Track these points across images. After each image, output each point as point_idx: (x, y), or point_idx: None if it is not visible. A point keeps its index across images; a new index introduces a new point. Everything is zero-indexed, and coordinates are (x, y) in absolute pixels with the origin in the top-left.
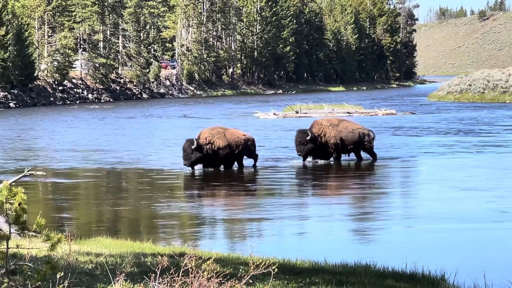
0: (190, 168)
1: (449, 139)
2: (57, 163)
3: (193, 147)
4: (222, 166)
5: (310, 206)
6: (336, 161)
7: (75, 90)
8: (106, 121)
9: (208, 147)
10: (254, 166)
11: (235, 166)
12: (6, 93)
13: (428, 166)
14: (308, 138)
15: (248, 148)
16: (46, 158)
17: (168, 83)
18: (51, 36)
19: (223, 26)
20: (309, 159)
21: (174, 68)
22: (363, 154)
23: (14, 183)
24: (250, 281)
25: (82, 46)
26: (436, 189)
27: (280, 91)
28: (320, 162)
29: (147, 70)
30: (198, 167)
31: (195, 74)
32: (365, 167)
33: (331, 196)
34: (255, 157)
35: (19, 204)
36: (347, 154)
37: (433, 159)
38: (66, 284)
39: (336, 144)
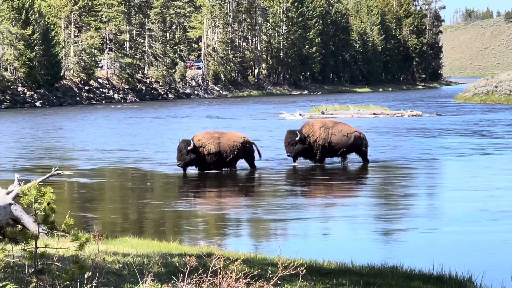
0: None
1: (475, 141)
2: (83, 162)
3: (189, 148)
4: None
5: (334, 206)
6: (317, 164)
7: (101, 90)
8: (131, 121)
9: (200, 151)
10: (250, 168)
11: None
12: (33, 92)
13: (453, 168)
14: (297, 138)
15: (246, 151)
16: (73, 157)
17: (194, 83)
18: (77, 35)
19: (249, 27)
20: (301, 159)
21: (199, 68)
22: (356, 157)
23: (41, 183)
24: (278, 282)
25: (108, 46)
26: (463, 190)
27: (306, 92)
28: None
29: (173, 70)
30: (190, 169)
31: (221, 74)
32: (389, 168)
33: (355, 197)
34: (251, 160)
35: (48, 203)
36: (340, 157)
37: (459, 160)
38: (94, 284)
39: (323, 146)
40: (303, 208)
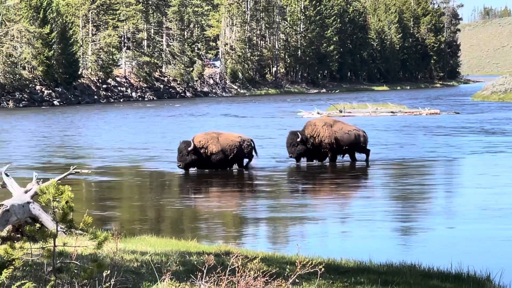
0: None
1: (493, 139)
2: (101, 161)
3: (189, 149)
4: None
5: (351, 205)
6: (331, 162)
7: (119, 88)
8: (148, 119)
9: (202, 152)
10: (246, 166)
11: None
12: (51, 91)
13: (472, 166)
14: (298, 139)
15: (242, 150)
16: (90, 156)
17: (211, 81)
18: (95, 34)
19: (266, 25)
20: (304, 160)
21: (215, 66)
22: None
23: (59, 181)
24: (296, 280)
25: (126, 44)
26: (481, 188)
27: (324, 90)
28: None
29: (191, 69)
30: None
31: (239, 73)
32: (405, 167)
33: (371, 196)
34: (250, 159)
35: (66, 202)
36: (341, 156)
37: (477, 158)
38: (112, 283)
39: (330, 144)
40: (320, 207)
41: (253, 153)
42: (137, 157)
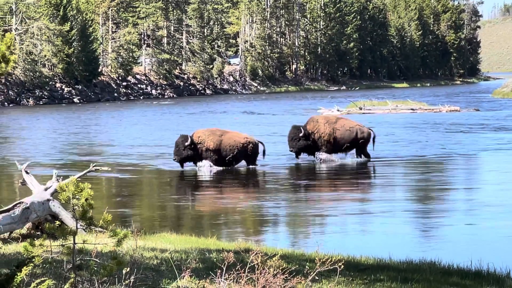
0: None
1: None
2: (120, 158)
3: (186, 144)
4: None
5: (370, 202)
6: (322, 160)
7: (138, 85)
8: (168, 116)
9: (199, 147)
10: (244, 168)
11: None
12: (71, 88)
13: (492, 163)
14: (300, 134)
15: (247, 152)
16: (109, 153)
17: (231, 79)
18: (115, 31)
19: (286, 22)
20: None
21: (230, 64)
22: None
23: (79, 179)
24: (316, 277)
25: (146, 41)
26: (501, 185)
27: (344, 87)
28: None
29: (211, 66)
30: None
31: (259, 70)
32: (426, 163)
33: (391, 192)
34: (252, 161)
35: (86, 199)
36: (344, 153)
37: (497, 155)
38: (132, 280)
39: (329, 141)
40: (340, 204)
41: (260, 156)
42: (156, 154)
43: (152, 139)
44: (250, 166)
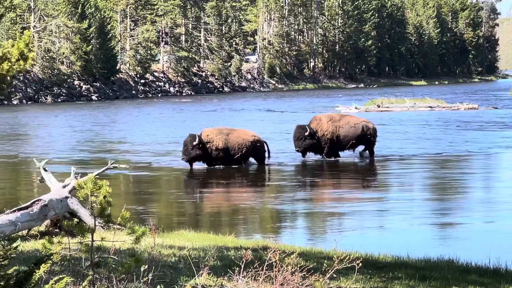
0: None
1: None
2: (137, 156)
3: (194, 143)
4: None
5: (387, 200)
6: (326, 158)
7: (156, 83)
8: (186, 114)
9: (208, 146)
10: (256, 166)
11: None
12: (89, 86)
13: (510, 161)
14: (306, 133)
15: (255, 150)
16: (127, 150)
17: (249, 76)
18: (133, 29)
19: (304, 20)
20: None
21: (248, 62)
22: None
23: (98, 176)
24: (334, 275)
25: (164, 39)
26: None
27: (362, 85)
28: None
29: (229, 64)
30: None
31: (277, 67)
32: (445, 160)
33: (409, 190)
34: (260, 159)
35: (104, 197)
36: (351, 150)
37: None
38: (150, 277)
39: (331, 139)
40: (357, 202)
41: (265, 155)
42: (173, 152)
43: (169, 137)
44: (261, 164)
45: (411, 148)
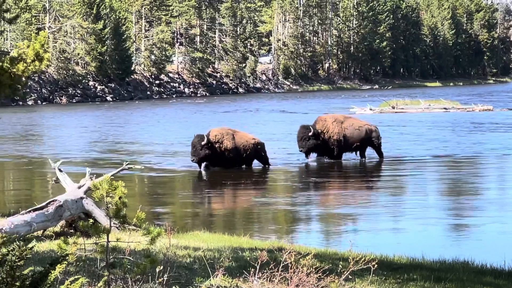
0: (197, 165)
1: None
2: (152, 156)
3: (202, 143)
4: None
5: (402, 202)
6: (336, 160)
7: (171, 84)
8: (201, 114)
9: (217, 147)
10: (264, 168)
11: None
12: (103, 86)
13: None
14: (310, 134)
15: (257, 152)
16: (141, 151)
17: (264, 77)
18: (148, 30)
19: (319, 21)
20: (314, 156)
21: (261, 63)
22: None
23: (113, 177)
24: (349, 276)
25: (179, 40)
26: None
27: (376, 86)
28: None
29: (244, 65)
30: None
31: (291, 69)
32: (459, 162)
33: (423, 192)
34: (264, 161)
35: (120, 198)
36: (354, 153)
37: None
38: (165, 278)
39: (338, 140)
40: (371, 203)
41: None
42: (186, 153)
43: (185, 137)
44: (265, 165)
45: (424, 149)
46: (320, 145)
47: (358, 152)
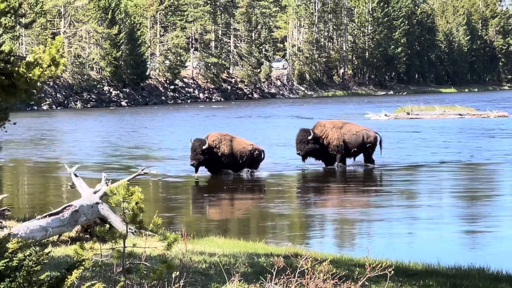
0: (195, 170)
1: None
2: (167, 162)
3: (204, 147)
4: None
5: (417, 207)
6: (341, 166)
7: (186, 89)
8: (216, 120)
9: (215, 151)
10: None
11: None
12: (118, 91)
13: None
14: (309, 137)
15: (253, 159)
16: (156, 156)
17: (279, 83)
18: (163, 35)
19: (334, 27)
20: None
21: (275, 68)
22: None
23: (129, 182)
24: (366, 283)
25: (193, 45)
26: None
27: (391, 92)
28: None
29: (258, 70)
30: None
31: (306, 74)
32: (474, 168)
33: (438, 198)
34: (257, 167)
35: (136, 203)
36: (352, 158)
37: None
38: (182, 284)
39: (338, 146)
40: (387, 209)
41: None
42: None
43: None
44: (258, 171)
45: (439, 154)
46: (318, 150)
47: (355, 158)
